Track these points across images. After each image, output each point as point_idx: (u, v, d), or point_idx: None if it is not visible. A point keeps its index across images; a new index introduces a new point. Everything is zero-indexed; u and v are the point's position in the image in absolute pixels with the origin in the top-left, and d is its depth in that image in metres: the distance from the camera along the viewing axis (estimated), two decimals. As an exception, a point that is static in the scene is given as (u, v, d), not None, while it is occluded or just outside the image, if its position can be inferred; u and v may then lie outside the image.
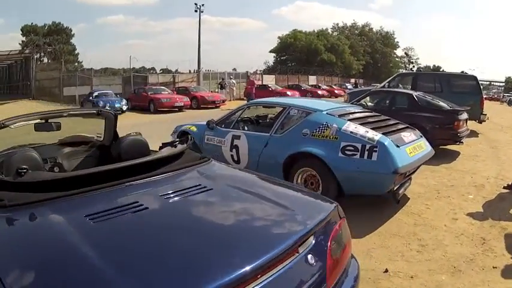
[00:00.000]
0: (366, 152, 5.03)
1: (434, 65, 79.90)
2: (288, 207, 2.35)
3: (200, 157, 3.14)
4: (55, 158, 3.84)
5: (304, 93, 35.27)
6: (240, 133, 6.72)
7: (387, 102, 10.10)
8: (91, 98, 22.45)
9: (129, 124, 17.47)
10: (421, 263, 4.03)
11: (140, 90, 24.68)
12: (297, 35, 63.77)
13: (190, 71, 40.31)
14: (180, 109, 23.03)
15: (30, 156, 2.95)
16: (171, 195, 2.41)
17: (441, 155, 8.81)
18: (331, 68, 57.41)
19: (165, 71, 54.99)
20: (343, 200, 5.33)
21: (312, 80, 47.81)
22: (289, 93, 31.90)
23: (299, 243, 2.00)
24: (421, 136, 6.11)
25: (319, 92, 36.64)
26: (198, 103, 24.41)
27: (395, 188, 5.25)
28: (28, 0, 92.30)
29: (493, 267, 3.89)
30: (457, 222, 5.10)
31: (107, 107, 20.23)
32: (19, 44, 52.71)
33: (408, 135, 5.70)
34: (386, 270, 3.86)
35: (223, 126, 7.17)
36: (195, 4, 39.06)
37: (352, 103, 10.52)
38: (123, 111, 21.68)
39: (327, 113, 5.79)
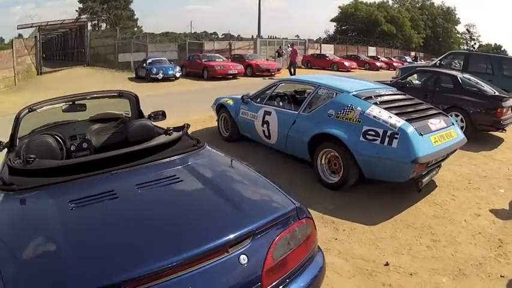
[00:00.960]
0: (387, 138, 4.90)
1: (495, 44, 77.14)
2: (240, 206, 2.45)
3: (193, 144, 3.31)
4: (84, 134, 4.17)
5: (362, 64, 34.94)
6: (271, 109, 6.79)
7: (432, 81, 9.65)
8: (144, 64, 22.72)
9: (180, 91, 18.26)
10: (426, 260, 3.91)
11: (194, 57, 24.83)
12: (358, 5, 62.32)
13: (252, 36, 40.18)
14: (234, 77, 23.03)
15: (45, 142, 3.40)
16: (143, 186, 2.59)
17: (483, 141, 8.49)
18: (391, 39, 55.40)
19: (227, 36, 54.92)
20: (366, 184, 5.41)
21: (372, 51, 46.13)
22: (346, 63, 31.62)
23: (231, 243, 2.11)
24: (453, 124, 5.79)
25: (377, 63, 35.51)
26: (253, 71, 24.38)
27: (418, 176, 5.10)
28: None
29: (501, 276, 3.69)
30: (479, 219, 4.87)
31: (160, 74, 21.24)
32: (76, 10, 54.10)
33: (437, 123, 5.43)
34: (387, 264, 3.81)
35: (257, 101, 7.27)
36: None
37: (399, 80, 10.24)
38: (176, 78, 22.21)
39: (353, 95, 5.67)
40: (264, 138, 6.99)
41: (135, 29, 59.04)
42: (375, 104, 5.43)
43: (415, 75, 10.68)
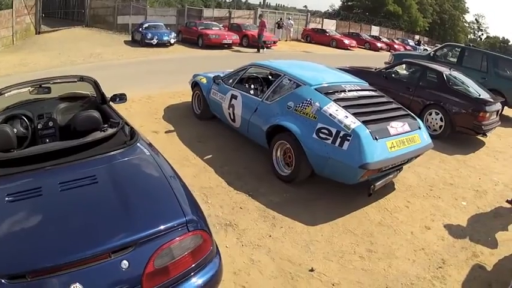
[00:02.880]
0: (339, 139, 4.73)
1: (503, 37, 76.35)
2: (133, 214, 2.56)
3: (124, 141, 3.33)
4: (51, 113, 4.37)
5: (362, 43, 34.17)
6: (237, 93, 6.64)
7: (418, 75, 9.29)
8: (140, 29, 22.39)
9: (171, 58, 18.03)
10: (355, 271, 3.79)
11: (191, 24, 24.38)
12: None
13: (260, 2, 39.40)
14: (229, 46, 22.60)
15: (1, 132, 3.55)
16: (64, 185, 2.73)
17: (462, 143, 8.19)
18: (397, 21, 53.83)
19: (235, 1, 53.68)
20: (321, 180, 5.21)
21: (375, 30, 44.92)
22: (346, 41, 30.98)
23: (114, 249, 2.31)
24: (419, 128, 5.49)
25: (378, 44, 34.46)
26: (249, 41, 23.81)
27: (370, 180, 4.95)
28: None
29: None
30: (427, 233, 4.63)
31: (154, 39, 20.97)
32: None
33: (399, 126, 5.18)
34: (312, 269, 3.72)
35: (227, 83, 7.12)
36: None
37: (383, 69, 9.96)
38: (171, 44, 21.91)
39: (314, 89, 5.46)
40: (229, 121, 6.85)
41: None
42: (335, 100, 5.22)
43: (403, 66, 10.32)
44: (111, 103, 4.64)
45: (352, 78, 6.41)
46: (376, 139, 4.71)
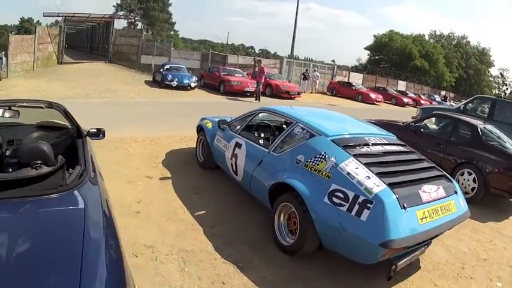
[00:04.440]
0: (357, 206, 3.79)
1: None
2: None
3: (55, 187, 2.72)
4: (21, 140, 4.14)
5: (388, 98, 33.85)
6: (242, 141, 5.88)
7: (449, 129, 8.49)
8: (161, 70, 22.35)
9: (189, 102, 17.78)
10: None
11: (214, 69, 24.24)
12: (393, 36, 61.45)
13: (288, 55, 39.63)
14: (252, 94, 22.07)
15: None
16: None
17: (495, 207, 7.25)
18: (423, 76, 54.36)
19: (263, 52, 54.62)
20: (327, 254, 4.28)
21: (401, 85, 44.83)
22: (372, 95, 30.62)
23: None
24: (455, 192, 4.56)
25: (405, 99, 34.10)
26: (272, 91, 23.40)
27: (392, 258, 3.93)
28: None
29: None
30: None
31: (174, 81, 20.90)
32: (113, 6, 54.48)
33: (433, 190, 4.23)
34: None
35: (233, 129, 6.39)
36: None
37: (412, 123, 9.10)
38: (191, 88, 21.75)
39: (332, 140, 4.59)
40: (232, 173, 6.05)
41: (171, 32, 59.42)
42: (355, 156, 4.31)
43: (432, 119, 9.60)
44: (88, 138, 4.34)
45: (378, 130, 5.52)
46: (405, 208, 3.76)
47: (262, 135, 6.28)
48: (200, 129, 7.53)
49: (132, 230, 4.64)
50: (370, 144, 4.74)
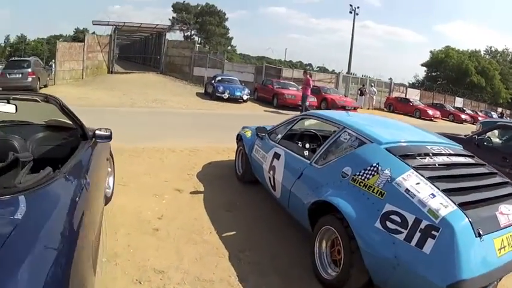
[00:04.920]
0: (418, 234, 2.89)
1: None
2: None
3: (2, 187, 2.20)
4: (25, 140, 3.89)
5: (446, 115, 33.09)
6: (281, 151, 5.11)
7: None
8: (213, 81, 22.20)
9: (239, 114, 17.44)
10: None
11: (267, 82, 23.82)
12: (449, 52, 61.21)
13: (342, 70, 39.12)
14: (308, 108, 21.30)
15: None
16: None
17: None
18: (480, 92, 53.39)
19: (322, 69, 54.27)
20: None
21: (459, 102, 44.47)
22: (430, 111, 29.98)
23: None
24: None
25: (462, 116, 33.26)
26: (327, 105, 22.52)
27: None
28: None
29: None
30: None
31: (226, 93, 20.68)
32: (169, 19, 55.67)
33: (511, 212, 3.21)
34: None
35: (273, 137, 5.65)
36: (350, 5, 39.19)
37: (475, 136, 8.05)
38: (243, 101, 21.50)
39: (386, 148, 3.72)
40: (270, 188, 5.28)
41: (229, 47, 59.91)
42: (416, 168, 3.41)
43: (496, 132, 8.63)
44: (98, 140, 3.98)
45: (440, 138, 4.55)
46: (480, 235, 2.83)
47: (305, 145, 5.51)
48: (240, 139, 6.86)
49: (144, 251, 4.00)
50: (433, 154, 3.81)
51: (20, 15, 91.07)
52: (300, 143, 5.60)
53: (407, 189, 3.14)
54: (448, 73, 58.57)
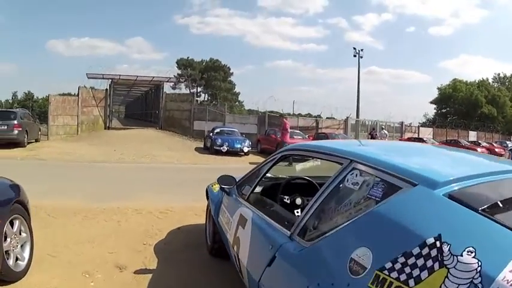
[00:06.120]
0: None
1: None
2: None
3: None
4: None
5: None
6: (249, 213, 3.09)
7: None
8: (211, 134, 20.89)
9: (235, 167, 15.67)
10: None
11: (270, 132, 22.14)
12: (457, 84, 60.28)
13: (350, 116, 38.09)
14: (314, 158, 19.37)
15: None
16: None
17: None
18: (492, 123, 52.36)
19: (331, 119, 54.06)
20: None
21: (472, 135, 43.07)
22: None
23: None
24: None
25: (478, 149, 31.64)
26: (337, 152, 20.56)
27: None
28: (202, 43, 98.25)
29: None
30: None
31: (224, 146, 19.42)
32: (174, 76, 55.72)
33: None
34: None
35: (243, 190, 3.70)
36: (354, 48, 38.98)
37: None
38: (244, 153, 19.96)
39: (448, 195, 1.67)
40: (236, 268, 3.26)
41: (236, 102, 59.25)
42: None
43: None
44: None
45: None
46: None
47: (288, 201, 3.43)
48: (207, 194, 5.05)
49: None
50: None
51: (28, 71, 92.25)
52: (281, 197, 3.53)
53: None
54: (458, 107, 57.76)
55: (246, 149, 19.76)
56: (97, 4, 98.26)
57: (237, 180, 3.84)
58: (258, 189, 3.62)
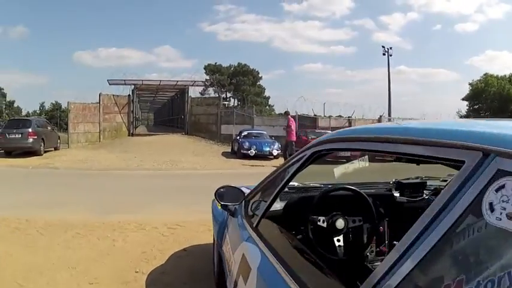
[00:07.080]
0: None
1: None
2: None
3: None
4: None
5: None
6: (255, 255, 1.82)
7: None
8: (238, 137, 19.74)
9: (264, 172, 13.68)
10: None
11: (301, 134, 20.66)
12: (488, 79, 57.70)
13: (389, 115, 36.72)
14: (348, 159, 17.94)
15: None
16: None
17: None
18: None
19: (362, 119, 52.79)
20: None
21: None
22: None
23: None
24: None
25: None
26: (374, 153, 19.14)
27: None
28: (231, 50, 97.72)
29: None
30: None
31: (252, 150, 18.13)
32: (202, 81, 55.58)
33: None
34: None
35: (252, 209, 2.43)
36: (383, 47, 37.05)
37: None
38: (274, 156, 18.43)
39: None
40: None
41: (267, 107, 58.42)
42: None
43: None
44: None
45: None
46: None
47: (320, 222, 2.09)
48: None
49: None
50: None
51: (57, 83, 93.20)
52: (313, 219, 2.11)
53: None
54: (490, 103, 56.03)
55: (275, 152, 18.41)
56: (122, 14, 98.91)
57: (246, 194, 2.58)
58: (278, 205, 2.31)
